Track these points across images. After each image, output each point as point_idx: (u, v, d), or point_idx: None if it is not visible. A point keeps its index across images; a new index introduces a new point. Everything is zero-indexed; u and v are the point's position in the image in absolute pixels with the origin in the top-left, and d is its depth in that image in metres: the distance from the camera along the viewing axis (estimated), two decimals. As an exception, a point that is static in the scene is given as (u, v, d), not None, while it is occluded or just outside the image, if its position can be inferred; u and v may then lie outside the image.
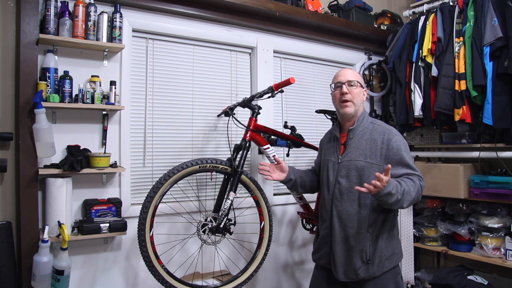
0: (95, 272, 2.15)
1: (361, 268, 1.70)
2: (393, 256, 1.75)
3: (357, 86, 1.80)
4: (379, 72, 3.32)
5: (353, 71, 1.87)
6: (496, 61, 2.39)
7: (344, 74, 1.83)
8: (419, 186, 1.64)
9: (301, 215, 2.56)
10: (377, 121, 1.83)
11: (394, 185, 1.54)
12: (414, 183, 1.63)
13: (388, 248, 1.73)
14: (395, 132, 1.76)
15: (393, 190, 1.52)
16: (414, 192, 1.61)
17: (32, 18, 1.91)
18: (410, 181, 1.64)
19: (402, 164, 1.69)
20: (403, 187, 1.57)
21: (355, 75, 1.83)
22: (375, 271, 1.70)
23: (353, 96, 1.78)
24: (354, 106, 1.79)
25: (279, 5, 2.59)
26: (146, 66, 2.36)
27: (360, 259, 1.71)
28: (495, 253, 2.53)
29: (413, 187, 1.61)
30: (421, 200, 2.94)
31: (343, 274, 1.75)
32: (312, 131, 3.01)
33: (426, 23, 2.73)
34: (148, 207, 1.84)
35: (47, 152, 1.92)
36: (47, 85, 1.94)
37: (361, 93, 1.82)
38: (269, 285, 2.74)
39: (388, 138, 1.71)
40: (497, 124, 2.38)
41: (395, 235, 1.80)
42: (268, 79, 2.72)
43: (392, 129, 1.78)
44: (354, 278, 1.73)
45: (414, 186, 1.63)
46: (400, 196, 1.55)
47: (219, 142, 2.58)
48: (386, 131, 1.74)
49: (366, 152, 1.73)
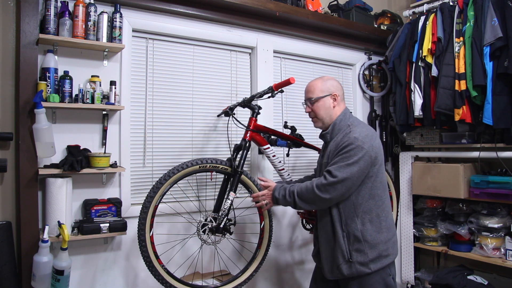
0: (95, 272, 2.15)
1: (343, 265, 1.72)
2: (380, 259, 1.72)
3: (317, 101, 1.84)
4: (379, 72, 3.32)
5: (314, 83, 1.88)
6: (496, 61, 2.39)
7: (305, 91, 1.92)
8: (312, 186, 1.70)
9: (301, 215, 2.56)
10: (355, 123, 1.80)
11: (279, 188, 1.81)
12: (310, 184, 1.72)
13: (373, 250, 1.70)
14: (354, 132, 1.71)
15: (276, 194, 1.81)
16: (306, 193, 1.72)
17: (32, 18, 1.91)
18: (308, 182, 1.75)
19: (335, 160, 1.71)
20: (293, 188, 1.77)
21: (315, 88, 1.86)
22: (358, 271, 1.70)
23: (315, 113, 1.87)
24: (320, 120, 1.88)
25: (279, 5, 2.59)
26: (146, 66, 2.36)
27: (341, 257, 1.72)
28: (495, 253, 2.53)
29: (305, 188, 1.73)
30: (421, 200, 2.98)
31: (329, 272, 1.78)
32: (312, 131, 2.98)
33: (426, 23, 2.73)
34: (148, 207, 1.84)
35: (47, 152, 1.92)
36: (47, 85, 1.94)
37: (325, 103, 1.83)
38: (269, 285, 2.74)
39: (342, 138, 1.74)
40: (497, 124, 2.38)
41: (386, 237, 1.74)
42: (268, 79, 2.72)
43: (355, 131, 1.72)
44: (339, 276, 1.74)
45: (308, 186, 1.73)
46: (290, 197, 1.77)
47: (219, 142, 2.58)
48: (348, 132, 1.74)
49: (330, 154, 1.78)
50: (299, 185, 1.77)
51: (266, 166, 2.68)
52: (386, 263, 1.74)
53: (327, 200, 1.69)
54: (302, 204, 1.74)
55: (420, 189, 2.89)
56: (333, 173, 1.67)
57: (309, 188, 1.72)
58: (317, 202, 1.72)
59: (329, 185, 1.67)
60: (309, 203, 1.74)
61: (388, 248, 1.75)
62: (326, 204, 1.73)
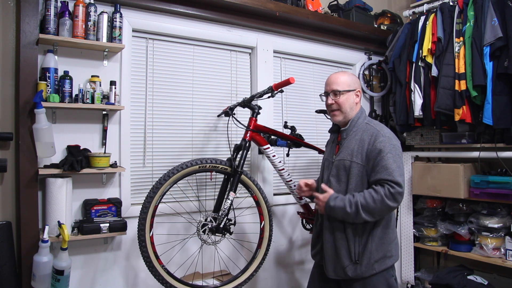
0: (95, 272, 2.15)
1: (349, 267, 1.70)
2: (385, 259, 1.72)
3: (343, 94, 1.79)
4: (379, 72, 3.32)
5: (341, 76, 1.83)
6: (496, 61, 2.39)
7: (330, 83, 1.84)
8: (382, 196, 1.62)
9: (301, 215, 2.56)
10: (373, 122, 1.81)
11: (336, 198, 1.65)
12: (376, 194, 1.63)
13: (379, 251, 1.71)
14: (384, 133, 1.72)
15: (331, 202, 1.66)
16: (373, 204, 1.62)
17: (32, 18, 1.91)
18: (372, 191, 1.64)
19: (380, 166, 1.66)
20: (355, 199, 1.64)
21: (342, 81, 1.81)
22: (363, 272, 1.69)
23: (339, 105, 1.80)
24: (342, 114, 1.81)
25: (279, 5, 2.59)
26: (146, 66, 2.36)
27: (348, 258, 1.71)
28: (495, 253, 2.53)
29: (371, 198, 1.63)
30: (421, 200, 2.98)
31: (332, 272, 1.76)
32: (312, 131, 3.01)
33: (426, 23, 2.73)
34: (148, 207, 1.84)
35: (47, 152, 1.92)
36: (47, 85, 1.94)
37: (349, 97, 1.80)
38: (269, 285, 2.74)
39: (375, 139, 1.70)
40: (497, 124, 2.38)
41: (390, 238, 1.76)
42: (268, 79, 2.72)
43: (383, 130, 1.74)
44: (343, 276, 1.73)
45: (375, 197, 1.62)
46: (350, 209, 1.63)
47: (219, 142, 2.58)
48: (375, 132, 1.73)
49: (353, 151, 1.74)
50: (358, 195, 1.65)
51: (266, 166, 2.68)
52: (389, 264, 1.74)
53: (394, 208, 1.67)
54: (366, 215, 1.63)
55: (420, 189, 2.88)
56: (397, 180, 1.63)
57: (376, 198, 1.62)
58: (384, 212, 1.67)
59: (399, 193, 1.63)
60: (374, 214, 1.64)
61: (392, 249, 1.76)
62: (390, 212, 1.71)
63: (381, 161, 1.66)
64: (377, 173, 1.66)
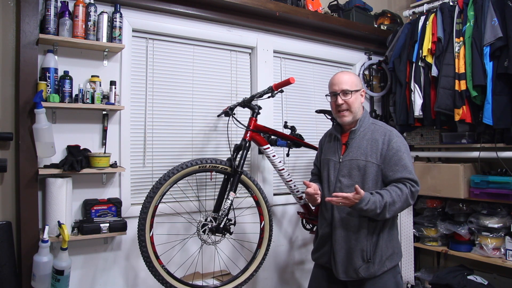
0: (95, 272, 2.15)
1: (362, 267, 1.71)
2: (393, 256, 1.76)
3: (352, 94, 1.78)
4: (379, 72, 3.32)
5: (348, 76, 1.82)
6: (496, 61, 2.39)
7: (338, 82, 1.81)
8: (406, 195, 1.66)
9: (301, 215, 2.56)
10: (378, 122, 1.84)
11: (368, 201, 1.60)
12: (401, 192, 1.65)
13: (389, 247, 1.75)
14: (396, 134, 1.77)
15: (365, 207, 1.59)
16: (399, 202, 1.65)
17: (32, 18, 1.91)
18: (397, 190, 1.66)
19: (400, 165, 1.70)
20: (384, 199, 1.62)
21: (350, 81, 1.79)
22: (375, 270, 1.70)
23: (349, 105, 1.78)
24: (352, 114, 1.80)
25: (279, 5, 2.59)
26: (146, 66, 2.36)
27: (361, 258, 1.71)
28: (495, 253, 2.53)
29: (398, 197, 1.64)
30: (421, 200, 2.98)
31: (343, 273, 1.75)
32: (312, 131, 3.01)
33: (426, 23, 2.73)
34: (148, 207, 1.84)
35: (47, 152, 1.92)
36: (47, 85, 1.94)
37: (358, 98, 1.81)
38: (269, 285, 2.74)
39: (389, 139, 1.73)
40: (497, 124, 2.38)
41: (395, 235, 1.81)
42: (268, 79, 2.72)
43: (394, 130, 1.79)
44: (354, 277, 1.73)
45: (401, 195, 1.65)
46: (380, 210, 1.61)
47: (219, 142, 2.58)
48: (388, 132, 1.76)
49: (367, 151, 1.74)
50: (386, 195, 1.63)
51: (266, 166, 2.68)
52: (398, 260, 1.78)
53: (410, 206, 1.71)
54: (389, 213, 1.64)
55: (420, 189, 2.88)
56: (416, 179, 1.70)
57: (402, 198, 1.65)
58: (403, 210, 1.71)
59: (417, 192, 1.71)
60: (396, 211, 1.67)
61: (398, 245, 1.80)
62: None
63: (400, 161, 1.69)
64: (396, 172, 1.69)
